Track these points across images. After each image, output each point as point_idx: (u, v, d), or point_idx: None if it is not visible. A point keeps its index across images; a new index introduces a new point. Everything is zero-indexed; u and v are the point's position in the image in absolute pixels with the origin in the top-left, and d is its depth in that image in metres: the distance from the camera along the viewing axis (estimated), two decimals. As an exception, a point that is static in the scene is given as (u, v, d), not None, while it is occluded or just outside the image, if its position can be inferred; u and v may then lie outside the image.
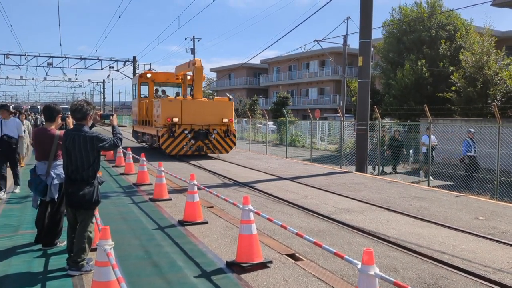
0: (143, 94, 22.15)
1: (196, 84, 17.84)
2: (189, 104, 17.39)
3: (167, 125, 16.92)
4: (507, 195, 11.02)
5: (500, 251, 6.11)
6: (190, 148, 17.26)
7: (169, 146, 17.00)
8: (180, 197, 9.54)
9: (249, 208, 5.44)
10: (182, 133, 17.16)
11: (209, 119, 17.54)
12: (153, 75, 21.87)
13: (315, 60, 53.13)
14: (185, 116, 17.22)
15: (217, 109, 17.82)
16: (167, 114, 16.93)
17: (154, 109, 18.45)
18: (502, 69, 21.73)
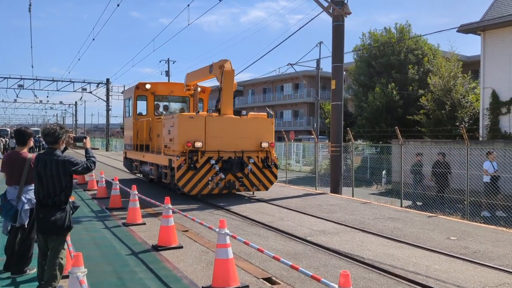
0: (140, 111, 17.26)
1: (225, 94, 12.84)
2: (216, 123, 12.46)
3: (185, 152, 11.90)
4: (477, 215, 11.30)
5: (472, 271, 6.23)
6: (217, 185, 12.22)
7: (189, 182, 11.91)
8: (154, 221, 9.40)
9: (225, 232, 5.40)
10: (206, 163, 12.10)
11: (242, 143, 12.70)
12: (154, 86, 16.87)
13: (289, 83, 53.93)
14: (211, 139, 12.29)
15: (253, 129, 12.92)
16: (186, 136, 11.94)
17: (163, 129, 13.40)
18: (469, 92, 22.58)
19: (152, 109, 16.90)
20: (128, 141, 18.01)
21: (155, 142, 14.93)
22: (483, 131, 19.07)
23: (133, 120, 16.89)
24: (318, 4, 15.24)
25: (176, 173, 11.87)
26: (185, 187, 11.96)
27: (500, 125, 18.38)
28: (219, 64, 12.91)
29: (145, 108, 17.10)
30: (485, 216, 11.93)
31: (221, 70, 12.73)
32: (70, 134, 5.34)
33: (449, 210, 12.36)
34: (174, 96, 17.41)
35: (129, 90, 18.23)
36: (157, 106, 17.10)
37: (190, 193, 12.11)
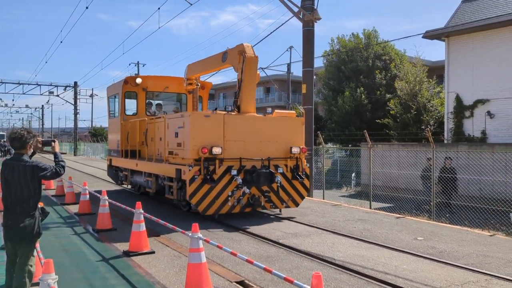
0: (129, 110, 14.65)
1: (247, 88, 10.47)
2: (236, 123, 10.10)
3: (200, 161, 9.53)
4: (443, 215, 11.67)
5: (438, 270, 6.45)
6: (238, 201, 9.87)
7: (204, 199, 9.53)
8: (125, 226, 9.26)
9: (198, 236, 5.41)
10: (225, 174, 9.74)
11: (268, 149, 10.33)
12: (145, 80, 14.33)
13: (261, 87, 54.13)
14: (231, 143, 9.95)
15: (280, 131, 10.56)
16: (201, 140, 9.57)
17: (166, 132, 10.92)
18: (434, 96, 23.34)
19: (144, 108, 14.41)
20: (114, 146, 15.19)
21: (152, 147, 12.22)
22: (447, 134, 19.72)
23: (121, 121, 14.17)
24: (288, 10, 15.44)
25: (188, 188, 9.37)
26: (200, 205, 9.51)
27: (464, 128, 19.05)
28: (238, 49, 10.54)
29: (135, 107, 14.54)
30: None
31: (240, 57, 10.42)
32: (38, 138, 5.22)
33: (416, 211, 12.71)
34: (168, 93, 15.11)
35: (115, 86, 15.59)
36: (149, 105, 14.75)
37: (206, 212, 9.61)
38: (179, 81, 14.29)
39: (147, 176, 12.30)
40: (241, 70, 10.40)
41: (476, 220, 10.92)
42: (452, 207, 12.83)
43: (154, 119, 12.47)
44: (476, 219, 10.96)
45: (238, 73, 10.64)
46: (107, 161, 16.34)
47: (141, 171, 12.66)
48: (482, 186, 13.49)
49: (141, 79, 14.10)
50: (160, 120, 11.87)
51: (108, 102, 16.05)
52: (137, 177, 13.33)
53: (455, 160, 14.10)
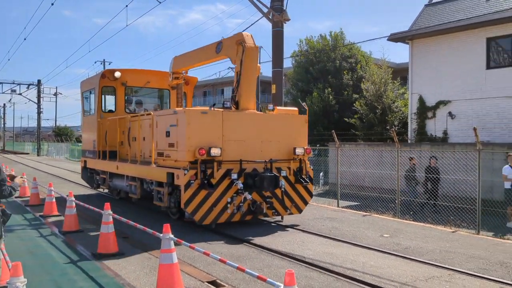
0: (106, 107, 13.59)
1: (246, 81, 9.57)
2: (236, 121, 9.21)
3: (197, 163, 8.60)
4: (407, 213, 12.03)
5: (404, 266, 6.67)
6: (238, 208, 8.98)
7: (200, 206, 8.63)
8: (93, 228, 9.10)
9: (169, 237, 5.40)
10: (225, 178, 8.84)
11: (270, 150, 9.51)
12: (125, 74, 13.23)
13: (230, 86, 54.00)
14: (230, 143, 9.05)
15: (283, 130, 9.74)
16: (198, 140, 8.64)
17: (155, 131, 9.81)
18: (398, 97, 24.00)
19: (123, 105, 13.42)
20: (90, 146, 13.98)
21: (135, 148, 11.27)
22: (411, 134, 20.30)
23: (97, 118, 13.05)
24: (258, 10, 15.53)
25: (183, 194, 8.40)
26: (196, 214, 8.54)
27: (427, 128, 19.67)
28: (236, 39, 9.62)
29: (113, 103, 13.49)
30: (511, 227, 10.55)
31: (239, 48, 9.50)
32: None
33: (382, 209, 13.06)
34: (149, 89, 14.16)
35: (90, 80, 14.54)
36: (129, 101, 13.79)
37: (202, 222, 8.64)
38: (161, 76, 13.56)
39: (130, 180, 11.13)
40: (240, 62, 9.45)
41: (439, 217, 11.32)
42: (437, 207, 12.48)
43: (139, 116, 11.13)
44: (439, 216, 11.36)
45: (236, 65, 9.75)
46: (81, 162, 15.12)
47: (122, 174, 11.56)
48: (444, 184, 13.82)
49: (120, 73, 13.08)
50: (146, 117, 10.78)
51: (82, 98, 14.90)
52: (117, 181, 12.24)
53: (418, 160, 14.56)
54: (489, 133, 17.20)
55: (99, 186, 14.13)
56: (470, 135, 17.40)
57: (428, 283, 5.87)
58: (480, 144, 9.94)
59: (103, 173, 13.22)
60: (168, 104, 14.20)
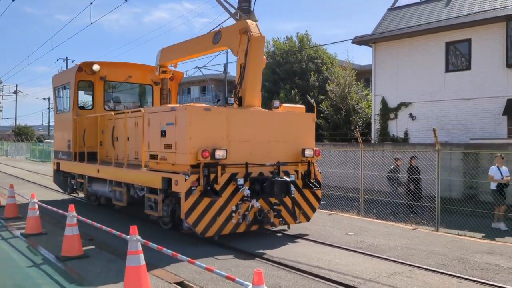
0: (83, 103, 12.50)
1: (252, 74, 8.68)
2: (241, 119, 8.27)
3: (199, 167, 7.60)
4: (370, 211, 12.36)
5: (368, 263, 6.88)
6: (244, 218, 8.08)
7: (203, 217, 7.64)
8: (56, 230, 8.89)
9: (136, 238, 5.37)
10: (229, 183, 7.93)
11: (277, 151, 8.65)
12: (104, 68, 12.18)
13: (197, 86, 53.78)
14: (235, 144, 8.14)
15: (290, 129, 8.88)
16: (200, 140, 7.66)
17: (147, 130, 8.76)
18: (362, 99, 24.60)
19: (102, 101, 12.35)
20: (64, 147, 12.69)
21: (120, 148, 10.25)
22: (374, 134, 20.86)
23: (73, 116, 11.88)
24: (225, 10, 15.51)
25: (184, 203, 7.40)
26: (198, 225, 7.56)
27: (389, 129, 20.27)
28: (239, 27, 8.71)
29: (90, 100, 12.41)
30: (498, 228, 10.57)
31: (243, 37, 8.62)
32: None
33: (346, 207, 13.36)
34: (130, 84, 13.03)
35: (65, 74, 13.40)
36: (108, 97, 12.72)
37: (205, 234, 7.66)
38: (144, 70, 12.75)
39: (115, 186, 10.09)
40: (245, 53, 8.56)
41: (400, 214, 11.70)
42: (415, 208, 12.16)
43: (126, 113, 10.03)
44: (400, 214, 11.74)
45: (239, 57, 8.85)
46: (53, 165, 13.80)
47: (104, 179, 10.47)
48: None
49: (99, 66, 12.02)
50: (134, 115, 9.82)
51: (54, 94, 13.65)
52: (97, 186, 11.19)
53: (380, 159, 14.98)
54: (447, 134, 17.90)
55: (74, 190, 12.99)
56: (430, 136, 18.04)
57: (391, 279, 6.08)
58: (439, 145, 10.35)
59: (80, 177, 12.01)
60: (151, 101, 13.25)
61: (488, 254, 7.56)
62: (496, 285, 5.92)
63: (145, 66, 12.93)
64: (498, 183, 10.84)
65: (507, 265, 6.89)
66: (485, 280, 6.07)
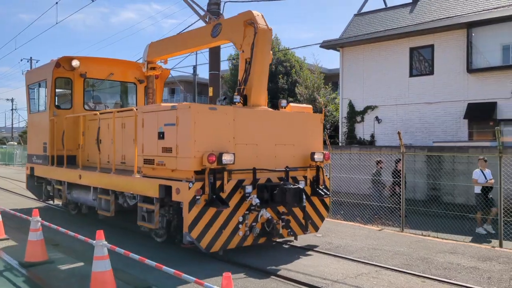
0: (61, 103, 11.66)
1: (259, 71, 7.98)
2: (247, 120, 7.52)
3: (204, 173, 6.82)
4: (338, 213, 12.57)
5: (335, 264, 7.00)
6: (251, 229, 7.34)
7: (208, 229, 6.86)
8: (19, 235, 8.61)
9: (103, 243, 5.29)
10: (236, 191, 7.18)
11: (285, 155, 7.95)
12: (84, 63, 11.36)
13: (166, 88, 53.21)
14: (241, 148, 7.39)
15: (297, 131, 8.21)
16: (206, 143, 6.91)
17: (140, 132, 7.90)
18: (330, 102, 24.97)
19: (82, 100, 11.49)
20: (39, 150, 11.72)
21: (107, 152, 9.55)
22: (342, 137, 21.23)
23: (50, 116, 10.99)
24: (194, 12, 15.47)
25: (188, 214, 6.61)
26: (202, 240, 6.78)
27: (356, 132, 20.67)
28: (244, 19, 8.01)
29: (69, 99, 11.51)
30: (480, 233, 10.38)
31: (249, 30, 7.95)
32: None
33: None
34: (112, 82, 12.19)
35: (40, 71, 12.20)
36: (89, 96, 11.85)
37: (210, 249, 6.89)
38: (127, 66, 12.07)
39: (100, 193, 9.20)
40: (251, 47, 7.86)
41: (367, 216, 11.95)
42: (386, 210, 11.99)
43: (114, 113, 9.17)
44: (367, 215, 11.98)
45: (242, 51, 8.14)
46: (27, 170, 12.65)
47: (89, 186, 9.53)
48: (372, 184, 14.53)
49: (79, 62, 11.17)
50: (122, 115, 9.14)
51: (27, 92, 12.63)
52: (78, 193, 10.25)
53: (347, 162, 15.25)
54: (411, 137, 18.41)
55: (50, 197, 11.97)
56: (395, 139, 18.52)
57: (357, 280, 6.21)
58: (404, 147, 10.65)
59: (58, 183, 11.01)
60: (135, 100, 12.50)
61: (451, 253, 7.83)
62: (457, 283, 6.13)
63: (128, 63, 12.29)
64: (482, 186, 10.58)
65: (468, 264, 7.15)
66: (447, 279, 6.28)
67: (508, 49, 16.94)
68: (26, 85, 12.81)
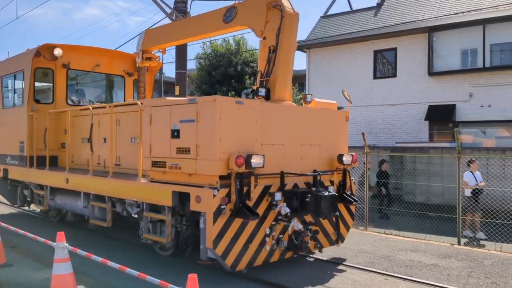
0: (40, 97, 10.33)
1: (285, 61, 7.13)
2: (274, 116, 6.60)
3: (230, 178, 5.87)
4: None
5: (302, 266, 7.05)
6: (278, 243, 6.39)
7: (233, 244, 5.91)
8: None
9: (64, 246, 5.13)
10: (263, 198, 6.24)
11: (311, 157, 7.07)
12: (67, 52, 10.29)
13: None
14: (268, 149, 6.44)
15: (325, 130, 7.36)
16: (232, 143, 5.95)
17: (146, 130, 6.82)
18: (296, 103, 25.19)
19: (65, 93, 10.36)
20: (13, 149, 10.47)
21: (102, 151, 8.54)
22: (308, 137, 21.47)
23: (28, 111, 9.89)
24: (161, 10, 15.28)
25: (212, 227, 5.68)
26: (228, 256, 5.84)
27: (322, 132, 20.95)
28: (266, 1, 7.11)
29: (50, 92, 10.34)
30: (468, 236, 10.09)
31: (272, 14, 7.09)
32: None
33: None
34: (97, 74, 11.08)
35: (16, 60, 10.85)
36: (72, 89, 10.70)
37: (236, 267, 5.96)
38: (114, 57, 11.14)
39: (93, 200, 8.06)
40: (276, 33, 6.97)
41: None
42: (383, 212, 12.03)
43: (112, 107, 8.02)
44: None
45: (263, 38, 7.22)
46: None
47: (79, 191, 8.38)
48: None
49: (62, 50, 10.07)
50: (122, 109, 8.08)
51: (1, 83, 11.33)
52: (64, 199, 9.16)
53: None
54: (375, 138, 18.82)
55: (26, 203, 10.78)
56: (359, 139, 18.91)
57: (322, 279, 6.29)
58: (368, 148, 10.87)
59: (38, 188, 9.81)
60: (123, 95, 11.48)
61: (412, 251, 8.05)
62: (419, 281, 6.31)
63: (116, 53, 11.29)
64: (473, 189, 10.29)
65: (428, 261, 7.38)
66: (409, 277, 6.45)
67: (467, 53, 17.60)
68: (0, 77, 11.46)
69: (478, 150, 13.45)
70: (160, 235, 6.80)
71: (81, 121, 9.08)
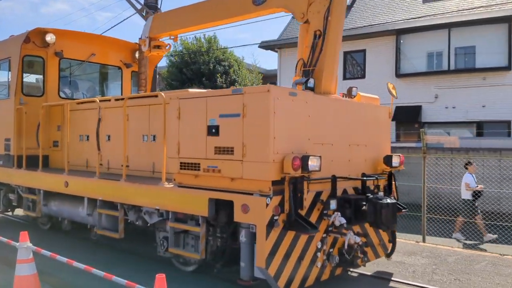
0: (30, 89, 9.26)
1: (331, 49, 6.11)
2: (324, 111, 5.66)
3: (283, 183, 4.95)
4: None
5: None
6: (329, 258, 5.51)
7: (286, 263, 4.98)
8: None
9: (27, 246, 5.00)
10: (314, 206, 5.32)
11: (358, 159, 6.21)
12: (61, 39, 9.18)
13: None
14: (317, 148, 5.44)
15: (370, 128, 6.52)
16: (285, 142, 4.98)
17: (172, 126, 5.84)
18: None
19: (57, 85, 9.25)
20: None
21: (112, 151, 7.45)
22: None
23: (15, 104, 8.71)
24: (131, 5, 15.06)
25: (265, 243, 4.78)
26: (281, 277, 4.96)
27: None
28: None
29: (41, 82, 9.22)
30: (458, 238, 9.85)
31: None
32: None
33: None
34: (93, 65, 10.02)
35: (3, 46, 9.52)
36: (65, 80, 9.67)
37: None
38: (111, 45, 10.09)
39: (101, 207, 7.00)
40: (324, 16, 6.03)
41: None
42: None
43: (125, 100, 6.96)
44: None
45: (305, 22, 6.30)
46: None
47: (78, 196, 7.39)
48: None
49: (55, 36, 9.00)
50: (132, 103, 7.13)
51: None
52: (61, 205, 8.08)
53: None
54: (345, 137, 19.10)
55: (11, 207, 9.64)
56: (329, 139, 19.17)
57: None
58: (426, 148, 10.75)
59: (28, 191, 8.66)
60: (120, 87, 10.40)
61: (378, 249, 8.21)
62: (385, 278, 6.45)
63: (113, 41, 10.21)
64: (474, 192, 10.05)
65: (395, 259, 7.52)
66: (376, 274, 6.58)
67: (432, 56, 18.12)
68: None
69: (443, 150, 13.85)
70: (183, 248, 5.96)
71: (80, 116, 8.08)
